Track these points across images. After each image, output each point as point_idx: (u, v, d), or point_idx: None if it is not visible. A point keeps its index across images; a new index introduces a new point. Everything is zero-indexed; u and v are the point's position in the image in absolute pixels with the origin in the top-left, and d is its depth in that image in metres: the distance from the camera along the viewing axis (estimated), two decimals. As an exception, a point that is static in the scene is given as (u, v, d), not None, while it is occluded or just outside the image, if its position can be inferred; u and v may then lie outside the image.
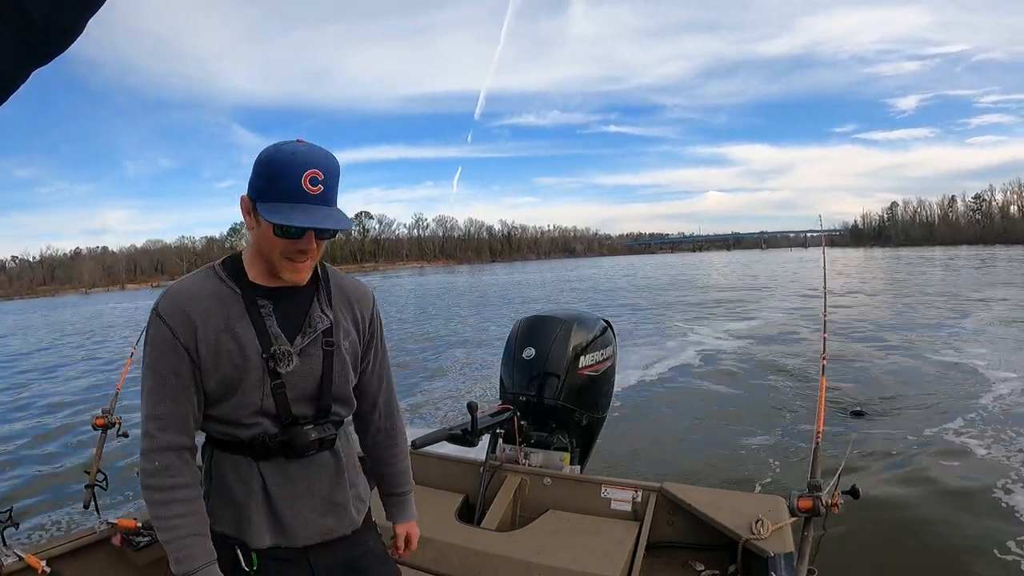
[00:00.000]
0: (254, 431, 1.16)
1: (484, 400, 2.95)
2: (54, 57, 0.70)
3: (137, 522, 2.20)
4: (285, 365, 1.14)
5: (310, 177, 1.05)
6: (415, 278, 58.35)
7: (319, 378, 1.19)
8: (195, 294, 1.13)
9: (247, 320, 1.14)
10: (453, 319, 18.33)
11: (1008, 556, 3.28)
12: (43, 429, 7.37)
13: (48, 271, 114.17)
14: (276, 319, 1.16)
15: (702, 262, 65.43)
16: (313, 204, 1.07)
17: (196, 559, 1.10)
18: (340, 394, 1.24)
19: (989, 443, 4.98)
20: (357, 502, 1.31)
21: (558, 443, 2.87)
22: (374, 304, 1.33)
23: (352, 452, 1.33)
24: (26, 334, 23.63)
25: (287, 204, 1.06)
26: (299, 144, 1.09)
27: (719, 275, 36.55)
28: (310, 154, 1.07)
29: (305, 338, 1.17)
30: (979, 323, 11.81)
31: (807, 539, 1.57)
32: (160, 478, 1.11)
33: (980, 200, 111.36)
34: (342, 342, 1.22)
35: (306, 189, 1.05)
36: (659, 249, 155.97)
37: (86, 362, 13.69)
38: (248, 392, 1.14)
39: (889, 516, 3.78)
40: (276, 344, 1.14)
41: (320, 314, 1.20)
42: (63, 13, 0.65)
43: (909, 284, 22.97)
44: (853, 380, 7.50)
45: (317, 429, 1.20)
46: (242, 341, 1.13)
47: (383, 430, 1.40)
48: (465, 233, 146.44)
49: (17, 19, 0.63)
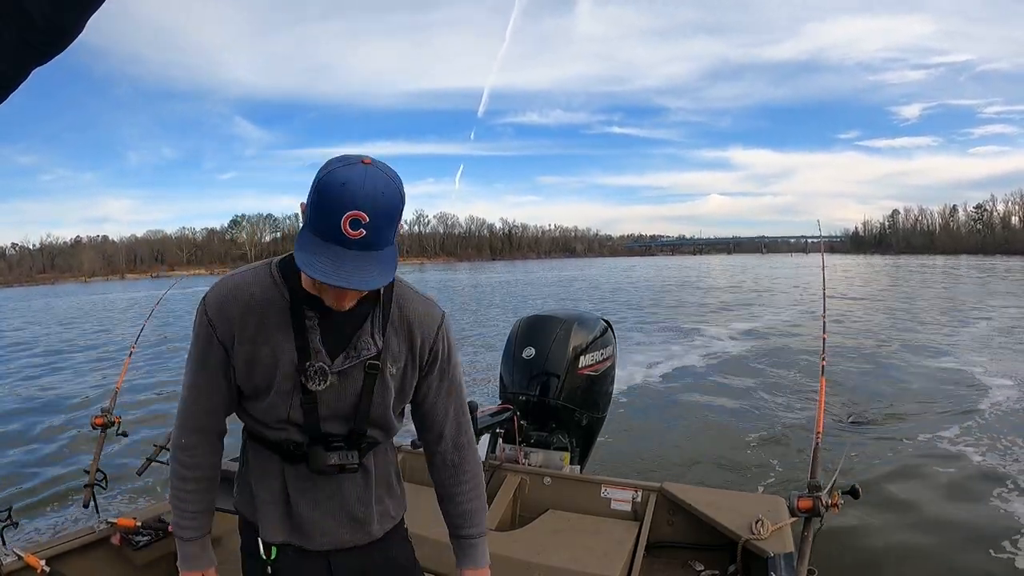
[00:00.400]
0: (281, 435, 1.16)
1: (484, 399, 2.94)
2: (53, 57, 0.69)
3: (136, 521, 2.20)
4: (317, 383, 1.10)
5: (351, 220, 0.93)
6: (415, 275, 58.35)
7: (356, 400, 1.14)
8: (243, 293, 1.09)
9: (289, 329, 1.09)
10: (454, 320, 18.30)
11: (1006, 556, 3.29)
12: (42, 428, 7.35)
13: (48, 259, 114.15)
14: (321, 333, 1.10)
15: (701, 265, 65.41)
16: (351, 249, 0.95)
17: (192, 530, 1.21)
18: (377, 419, 1.18)
19: (986, 446, 5.01)
20: (383, 518, 1.26)
21: (558, 443, 2.87)
22: (440, 330, 1.21)
23: (389, 469, 1.29)
24: (28, 327, 23.64)
25: (323, 243, 0.95)
26: (359, 168, 0.94)
27: (719, 278, 36.54)
28: (360, 189, 0.93)
29: (348, 360, 1.11)
30: (979, 330, 11.83)
31: (807, 539, 1.57)
32: (185, 454, 1.19)
33: (981, 210, 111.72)
34: (388, 368, 1.15)
35: (345, 232, 0.93)
36: (659, 251, 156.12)
37: (86, 358, 13.69)
38: (276, 401, 1.12)
39: (889, 516, 3.80)
40: (314, 359, 1.09)
41: (368, 339, 1.12)
42: (63, 13, 0.65)
43: (909, 291, 22.99)
44: (853, 381, 7.52)
45: (339, 454, 1.15)
46: (278, 351, 1.09)
47: (450, 465, 1.28)
48: (466, 231, 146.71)
49: (17, 19, 0.62)
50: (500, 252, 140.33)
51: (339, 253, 0.95)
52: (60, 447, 6.46)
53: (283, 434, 1.15)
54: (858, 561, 3.28)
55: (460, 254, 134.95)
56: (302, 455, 1.16)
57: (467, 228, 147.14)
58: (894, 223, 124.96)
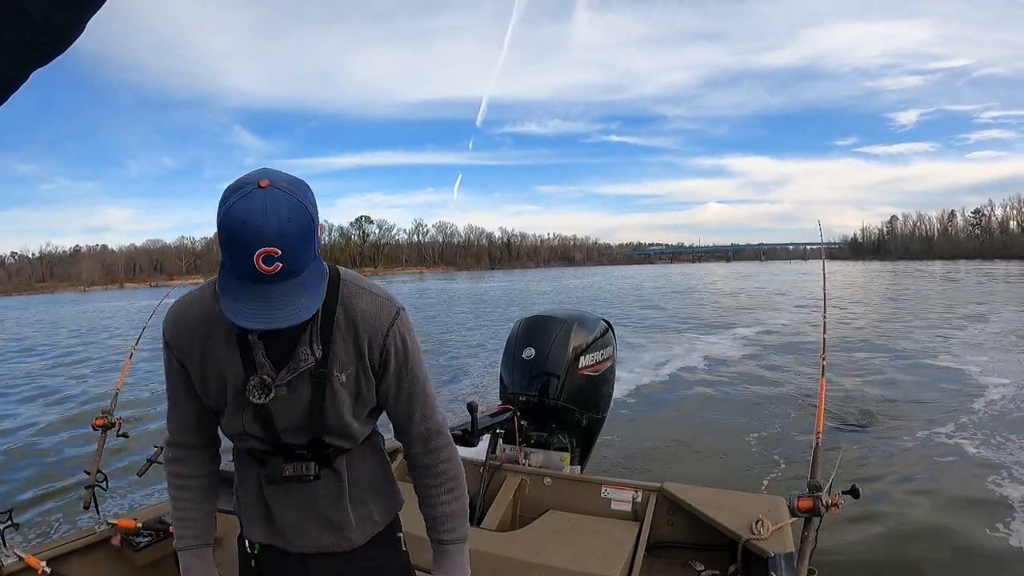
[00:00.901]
0: (247, 444, 1.19)
1: (484, 400, 2.94)
2: (54, 58, 0.70)
3: (137, 522, 2.20)
4: (258, 397, 1.08)
5: (263, 257, 0.90)
6: (415, 284, 58.35)
7: (307, 410, 1.12)
8: (188, 316, 1.12)
9: (235, 346, 1.09)
10: (454, 322, 18.34)
11: (1005, 555, 3.29)
12: (43, 429, 7.36)
13: (47, 268, 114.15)
14: (265, 346, 1.09)
15: (700, 273, 65.47)
16: (273, 283, 0.93)
17: (189, 540, 1.24)
18: (335, 428, 1.15)
19: (986, 446, 5.01)
20: (365, 523, 1.24)
21: (558, 443, 2.87)
22: (392, 329, 1.13)
23: (373, 473, 1.27)
24: (27, 332, 23.62)
25: (243, 284, 0.94)
26: (256, 197, 0.90)
27: (719, 285, 36.56)
28: (263, 223, 0.89)
29: (290, 372, 1.09)
30: (977, 332, 11.84)
31: (807, 539, 1.57)
32: (173, 467, 1.24)
33: (979, 215, 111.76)
34: (337, 375, 1.11)
35: (261, 270, 0.91)
36: (658, 259, 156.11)
37: (86, 359, 13.67)
38: (231, 416, 1.14)
39: (889, 516, 3.79)
40: (260, 373, 1.09)
41: (306, 349, 1.08)
42: (63, 13, 0.66)
43: (908, 296, 23.02)
44: (853, 382, 7.52)
45: (294, 466, 1.14)
46: (225, 368, 1.10)
47: (421, 467, 1.24)
48: (465, 240, 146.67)
49: (17, 19, 0.63)
50: (499, 261, 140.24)
51: (263, 291, 0.93)
52: (61, 448, 6.46)
53: (249, 443, 1.18)
54: (858, 561, 3.27)
55: (459, 263, 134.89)
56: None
57: (466, 237, 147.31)
58: (892, 229, 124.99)
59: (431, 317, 20.48)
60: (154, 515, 2.30)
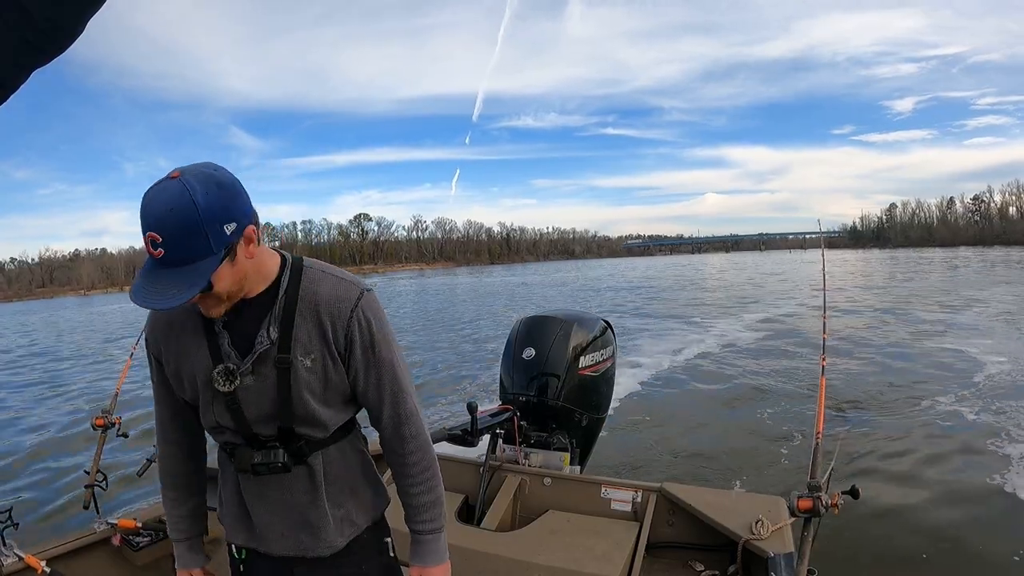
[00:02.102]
0: (222, 439, 1.21)
1: (484, 400, 2.94)
2: (54, 57, 0.69)
3: (136, 522, 2.21)
4: (223, 384, 1.10)
5: (149, 240, 0.94)
6: (417, 280, 58.34)
7: (275, 398, 1.12)
8: (161, 312, 1.15)
9: (202, 336, 1.12)
10: (454, 320, 18.34)
11: (1005, 555, 3.29)
12: (43, 430, 7.37)
13: (47, 273, 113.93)
14: (230, 335, 1.11)
15: (701, 263, 65.45)
16: (161, 268, 0.97)
17: (179, 531, 1.31)
18: (303, 416, 1.14)
19: (987, 445, 5.00)
20: (343, 524, 1.22)
21: (558, 443, 2.87)
22: (355, 312, 1.12)
23: (351, 469, 1.25)
24: (28, 336, 23.63)
25: (147, 263, 0.98)
26: (159, 186, 0.96)
27: (720, 276, 36.55)
28: (150, 209, 0.94)
29: (249, 359, 1.10)
30: (977, 319, 11.85)
31: (807, 539, 1.56)
32: (161, 463, 1.30)
33: (978, 201, 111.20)
34: (300, 360, 1.11)
35: (150, 252, 0.95)
36: (658, 251, 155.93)
37: (87, 359, 13.67)
38: (205, 407, 1.16)
39: (889, 516, 3.80)
40: (226, 362, 1.10)
41: (264, 333, 1.10)
42: (63, 13, 0.66)
43: (908, 283, 23.01)
44: (854, 381, 7.51)
45: (262, 453, 1.14)
46: (195, 360, 1.13)
47: (393, 453, 1.23)
48: (464, 235, 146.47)
49: (17, 19, 0.63)
50: (499, 256, 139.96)
51: (156, 274, 0.97)
52: (61, 448, 6.48)
53: (222, 437, 1.20)
54: (858, 561, 3.28)
55: (459, 259, 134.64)
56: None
57: (465, 233, 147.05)
58: (892, 217, 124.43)
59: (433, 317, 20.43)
60: (153, 515, 2.30)
